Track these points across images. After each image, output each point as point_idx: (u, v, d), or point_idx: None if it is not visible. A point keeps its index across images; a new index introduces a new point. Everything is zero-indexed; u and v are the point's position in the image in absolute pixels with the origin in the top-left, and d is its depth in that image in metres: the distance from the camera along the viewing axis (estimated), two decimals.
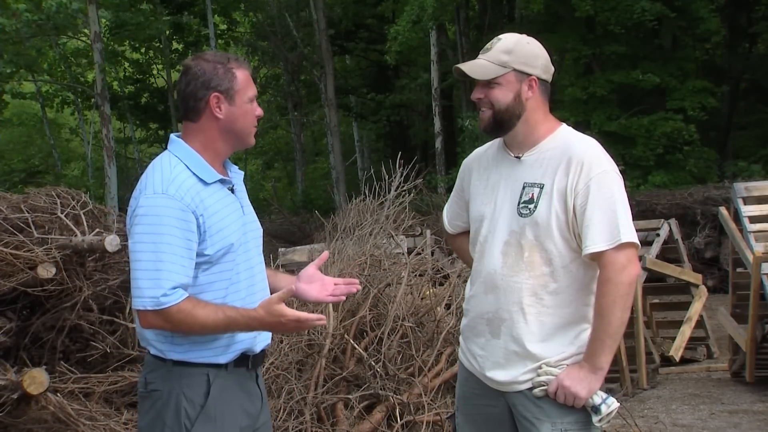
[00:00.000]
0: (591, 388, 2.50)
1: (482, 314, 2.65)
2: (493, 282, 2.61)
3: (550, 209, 2.53)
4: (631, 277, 2.48)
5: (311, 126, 28.44)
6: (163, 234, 2.35)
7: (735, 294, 7.26)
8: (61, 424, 4.02)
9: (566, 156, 2.55)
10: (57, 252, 4.45)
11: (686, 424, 5.91)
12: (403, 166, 7.22)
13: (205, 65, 2.48)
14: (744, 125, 20.32)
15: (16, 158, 28.59)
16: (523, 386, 2.58)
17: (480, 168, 2.76)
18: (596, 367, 2.50)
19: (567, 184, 2.52)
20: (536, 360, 2.56)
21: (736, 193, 7.00)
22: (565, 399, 2.51)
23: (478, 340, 2.67)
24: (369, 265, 5.46)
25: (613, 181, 2.53)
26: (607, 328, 2.47)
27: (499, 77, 2.59)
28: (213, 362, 2.46)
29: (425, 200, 13.57)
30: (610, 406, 2.51)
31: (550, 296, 2.55)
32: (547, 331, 2.56)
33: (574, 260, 2.54)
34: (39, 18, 17.22)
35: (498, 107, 2.60)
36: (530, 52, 2.62)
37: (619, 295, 2.46)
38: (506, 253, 2.59)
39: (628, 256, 2.48)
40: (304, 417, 4.40)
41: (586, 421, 2.54)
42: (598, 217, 2.47)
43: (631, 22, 16.27)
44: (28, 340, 4.60)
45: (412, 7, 17.79)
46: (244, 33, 27.24)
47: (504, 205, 2.62)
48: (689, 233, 12.47)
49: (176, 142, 2.51)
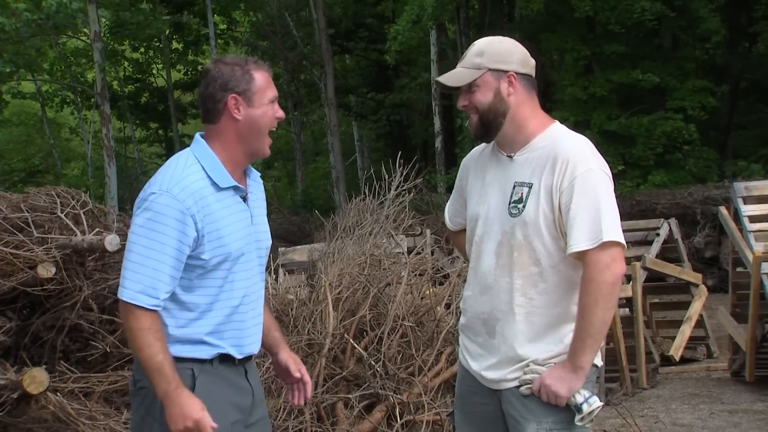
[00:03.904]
0: (571, 387, 2.50)
1: (478, 314, 2.67)
2: (487, 282, 2.63)
3: (537, 208, 2.54)
4: (615, 277, 2.47)
5: (311, 125, 28.44)
6: (157, 232, 2.39)
7: (735, 293, 7.26)
8: (61, 424, 4.02)
9: (553, 154, 2.54)
10: (57, 251, 4.45)
11: (686, 423, 5.91)
12: (403, 166, 7.22)
13: (224, 68, 2.50)
14: (744, 125, 20.30)
15: (16, 158, 28.60)
16: (511, 384, 2.59)
17: (477, 167, 2.77)
18: (577, 366, 2.50)
19: (553, 183, 2.52)
20: (523, 359, 2.57)
21: (736, 193, 7.00)
22: (547, 397, 2.52)
23: (477, 339, 2.69)
24: (369, 265, 5.46)
25: (599, 180, 2.51)
26: (589, 328, 2.47)
27: (476, 80, 2.60)
28: (196, 357, 2.48)
29: (425, 200, 13.57)
30: (591, 405, 2.50)
31: (540, 296, 2.56)
32: (536, 330, 2.57)
33: (563, 260, 2.54)
34: (39, 17, 17.23)
35: (481, 109, 2.61)
36: (503, 49, 2.62)
37: (601, 295, 2.45)
38: (499, 253, 2.61)
39: (612, 255, 2.46)
40: (303, 416, 4.40)
41: (571, 420, 2.54)
42: (582, 215, 2.47)
43: (631, 22, 16.26)
44: (28, 339, 4.60)
45: (412, 6, 17.78)
46: (243, 32, 27.22)
47: (496, 206, 2.63)
48: (689, 233, 12.46)
49: (199, 143, 2.55)
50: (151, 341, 2.38)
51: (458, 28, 20.51)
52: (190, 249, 2.42)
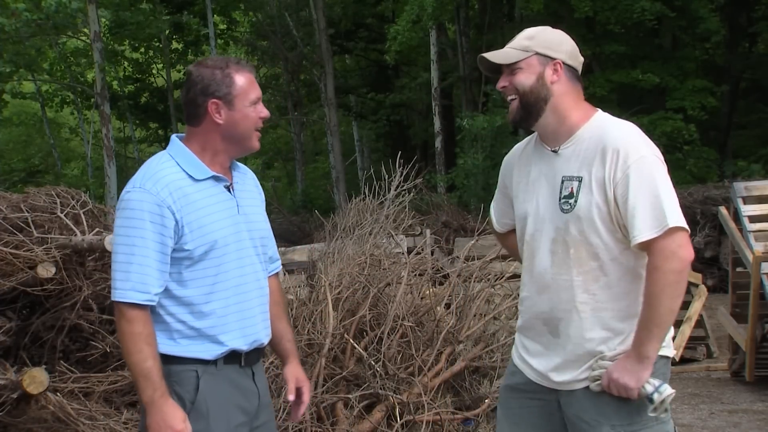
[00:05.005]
0: (639, 377, 2.40)
1: (538, 315, 2.58)
2: (545, 282, 2.55)
3: (590, 202, 2.45)
4: (682, 263, 2.38)
5: (311, 125, 28.43)
6: (136, 228, 2.40)
7: (735, 293, 7.26)
8: (61, 424, 4.02)
9: (601, 145, 2.46)
10: (57, 251, 4.45)
11: (686, 423, 5.91)
12: (403, 166, 7.21)
13: (204, 71, 2.48)
14: (744, 125, 20.31)
15: (16, 158, 28.63)
16: (581, 384, 2.51)
17: (521, 164, 2.68)
18: (642, 356, 2.40)
19: (605, 175, 2.43)
20: (588, 357, 2.49)
21: (735, 193, 7.00)
22: (617, 391, 2.43)
23: (541, 339, 2.60)
24: (369, 265, 5.46)
25: (653, 166, 2.42)
26: (655, 317, 2.38)
27: (520, 61, 2.53)
28: (200, 358, 2.45)
29: (425, 200, 13.58)
30: (662, 393, 2.41)
31: (602, 290, 2.47)
32: (604, 325, 2.48)
33: (623, 251, 2.46)
34: (39, 17, 17.24)
35: (522, 90, 2.53)
36: (554, 37, 2.58)
37: (668, 283, 2.36)
38: (554, 251, 2.52)
39: (678, 242, 2.37)
40: (303, 416, 4.40)
41: (645, 419, 2.46)
42: (642, 204, 2.38)
43: (630, 22, 16.28)
44: (27, 339, 4.59)
45: (412, 6, 17.79)
46: (243, 32, 27.22)
47: (546, 202, 2.55)
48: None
49: (174, 142, 2.55)
50: (141, 347, 2.37)
51: (458, 28, 20.53)
52: (172, 240, 2.41)
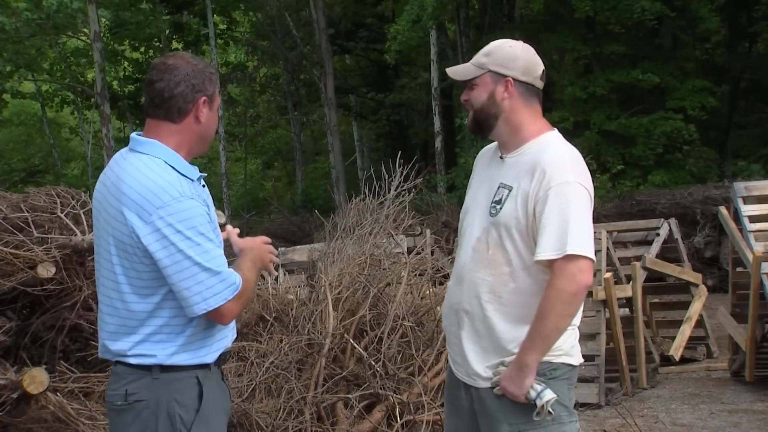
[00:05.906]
0: (521, 385, 2.52)
1: (452, 305, 2.73)
2: (461, 274, 2.70)
3: (513, 212, 2.59)
4: (578, 287, 2.49)
5: (311, 125, 28.42)
6: (202, 233, 2.36)
7: (735, 293, 7.26)
8: (61, 424, 4.02)
9: (535, 162, 2.58)
10: (57, 251, 4.45)
11: (686, 423, 5.91)
12: (403, 166, 7.20)
13: (195, 67, 2.45)
14: (744, 125, 20.30)
15: (16, 158, 28.62)
16: (486, 383, 2.63)
17: (482, 163, 2.85)
18: (522, 364, 2.53)
19: (530, 190, 2.56)
20: (494, 356, 2.61)
21: (736, 193, 7.01)
22: (508, 396, 2.56)
23: (451, 329, 2.74)
24: (369, 265, 5.46)
25: (573, 193, 2.53)
26: (541, 330, 2.51)
27: (476, 78, 2.68)
28: (201, 363, 2.45)
29: (425, 200, 13.58)
30: (543, 398, 2.52)
31: (510, 295, 2.60)
32: (505, 329, 2.60)
33: (535, 264, 2.57)
34: (39, 17, 17.26)
35: (475, 107, 2.68)
36: (509, 54, 2.67)
37: (560, 301, 2.48)
38: (476, 249, 2.66)
39: (578, 267, 2.49)
40: (303, 416, 4.41)
41: (542, 420, 2.55)
42: (551, 225, 2.50)
43: (631, 22, 16.27)
44: (27, 339, 4.59)
45: (412, 6, 17.79)
46: (243, 32, 27.22)
47: (481, 203, 2.70)
48: (689, 233, 12.46)
49: (152, 144, 2.42)
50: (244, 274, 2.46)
51: (458, 28, 20.53)
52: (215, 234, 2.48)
